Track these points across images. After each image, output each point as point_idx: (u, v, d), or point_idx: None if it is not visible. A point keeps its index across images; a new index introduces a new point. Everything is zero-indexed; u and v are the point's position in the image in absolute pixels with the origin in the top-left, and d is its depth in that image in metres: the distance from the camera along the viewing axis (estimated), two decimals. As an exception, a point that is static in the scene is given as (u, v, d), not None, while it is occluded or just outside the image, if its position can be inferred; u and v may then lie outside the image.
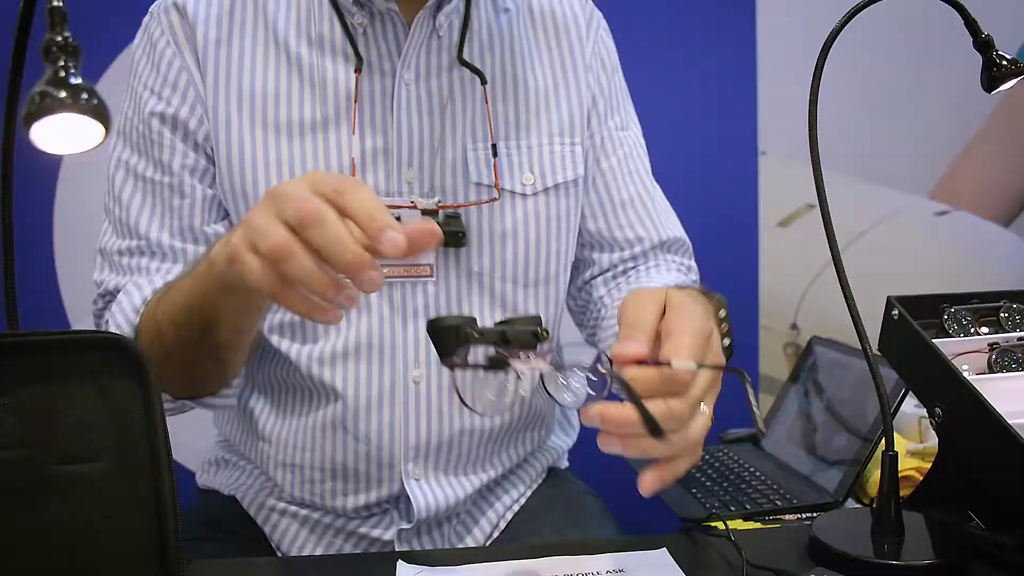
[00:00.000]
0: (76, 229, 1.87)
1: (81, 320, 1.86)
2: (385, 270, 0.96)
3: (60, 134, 0.56)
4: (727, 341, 0.85)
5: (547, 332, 0.64)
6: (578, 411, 0.64)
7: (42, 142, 0.55)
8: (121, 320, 0.92)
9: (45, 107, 0.53)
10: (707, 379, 0.67)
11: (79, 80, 0.53)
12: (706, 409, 0.67)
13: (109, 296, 0.99)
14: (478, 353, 0.65)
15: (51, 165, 1.86)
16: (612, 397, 0.65)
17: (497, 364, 0.65)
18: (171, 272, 0.97)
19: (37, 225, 1.87)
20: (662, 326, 0.68)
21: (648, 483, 0.66)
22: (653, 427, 0.60)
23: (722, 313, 0.90)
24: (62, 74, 0.54)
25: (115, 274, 0.99)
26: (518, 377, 0.65)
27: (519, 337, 0.64)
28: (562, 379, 0.67)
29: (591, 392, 0.67)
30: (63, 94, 0.53)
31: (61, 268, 1.89)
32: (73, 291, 1.88)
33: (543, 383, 0.67)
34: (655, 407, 0.62)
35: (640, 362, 0.64)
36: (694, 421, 0.66)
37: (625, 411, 0.62)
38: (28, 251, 1.87)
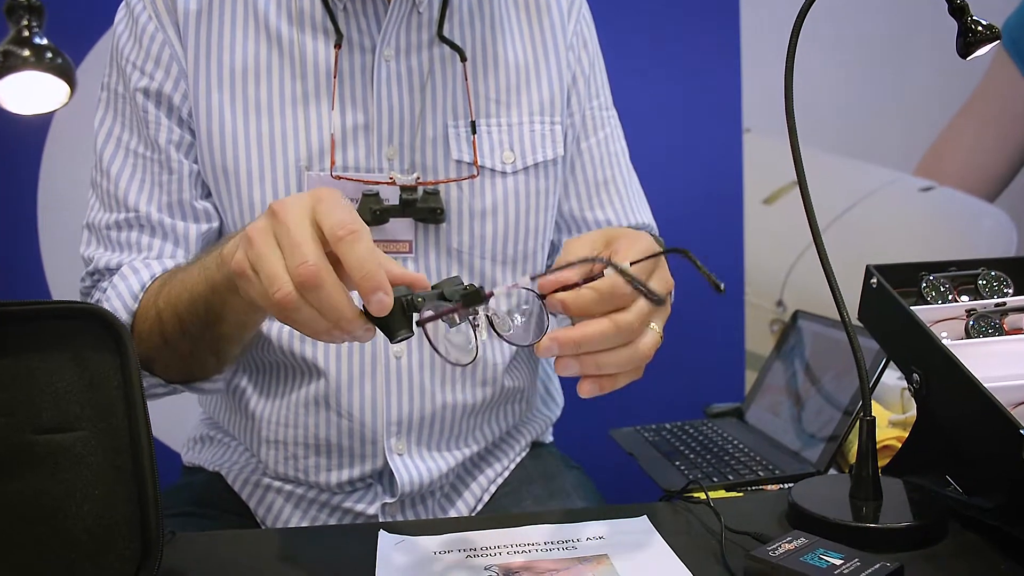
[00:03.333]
0: (60, 204, 1.87)
1: (64, 294, 1.85)
2: None
3: (25, 93, 0.56)
4: None
5: (474, 286, 0.66)
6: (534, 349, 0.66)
7: (7, 102, 0.55)
8: (118, 305, 0.91)
9: (8, 65, 0.53)
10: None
11: (43, 40, 0.52)
12: (655, 326, 0.69)
13: (98, 274, 0.99)
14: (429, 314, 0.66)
15: (35, 140, 1.85)
16: None
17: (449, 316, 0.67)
18: (164, 251, 0.97)
19: (20, 200, 1.86)
20: (609, 253, 0.69)
21: (587, 388, 0.67)
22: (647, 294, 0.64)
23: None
24: (26, 33, 0.53)
25: (105, 249, 0.98)
26: (472, 325, 0.67)
27: (454, 293, 0.66)
28: (509, 320, 0.69)
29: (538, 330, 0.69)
30: (26, 52, 0.53)
31: (45, 244, 1.88)
32: (56, 266, 1.88)
33: (494, 328, 0.68)
34: (598, 324, 0.65)
35: (574, 284, 0.65)
36: (643, 337, 0.68)
37: (573, 332, 0.64)
38: (11, 226, 1.87)
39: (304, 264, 0.61)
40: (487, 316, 0.67)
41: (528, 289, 0.87)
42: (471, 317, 0.67)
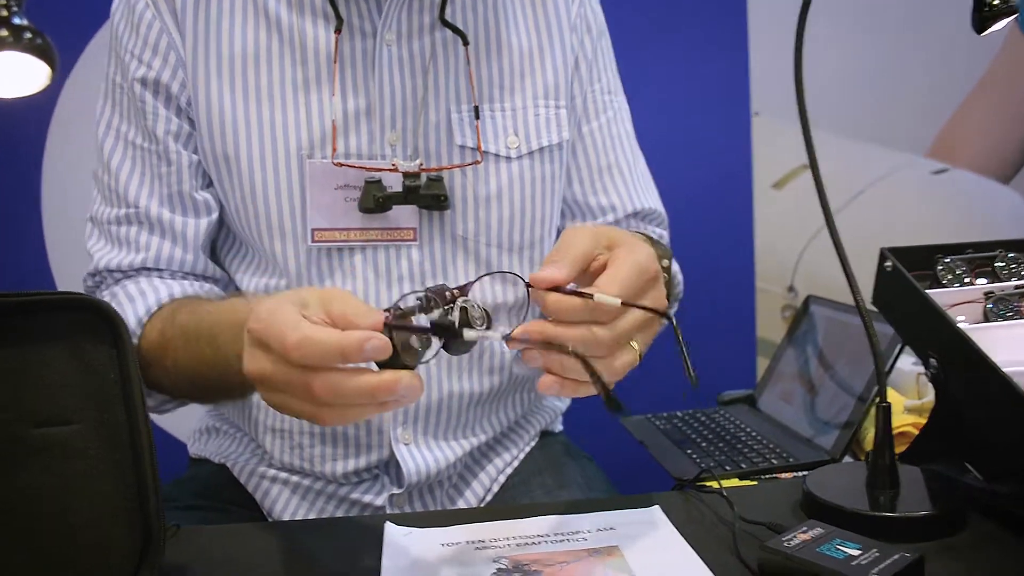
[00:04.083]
0: (63, 196, 1.87)
1: (69, 285, 1.85)
2: (368, 235, 0.96)
3: (4, 75, 0.54)
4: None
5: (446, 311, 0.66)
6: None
7: (-14, 84, 0.53)
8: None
9: (-14, 46, 0.51)
10: (640, 316, 0.66)
11: (23, 20, 0.51)
12: (635, 345, 0.67)
13: (99, 276, 0.99)
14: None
15: (38, 132, 1.85)
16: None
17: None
18: (162, 250, 0.97)
19: (23, 193, 1.86)
20: (607, 259, 0.68)
21: (546, 383, 0.66)
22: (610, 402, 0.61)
23: (664, 263, 0.88)
24: (4, 12, 0.52)
25: (107, 243, 0.98)
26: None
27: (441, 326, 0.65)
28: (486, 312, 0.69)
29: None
30: (4, 33, 0.51)
31: (49, 236, 1.88)
32: (61, 258, 1.88)
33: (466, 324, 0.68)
34: (577, 331, 0.64)
35: (564, 290, 0.64)
36: (621, 354, 0.66)
37: (548, 327, 0.64)
38: (15, 219, 1.86)
39: (318, 412, 0.62)
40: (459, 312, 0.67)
41: (516, 276, 0.86)
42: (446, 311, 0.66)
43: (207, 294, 0.98)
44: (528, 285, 0.66)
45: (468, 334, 0.63)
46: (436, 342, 0.65)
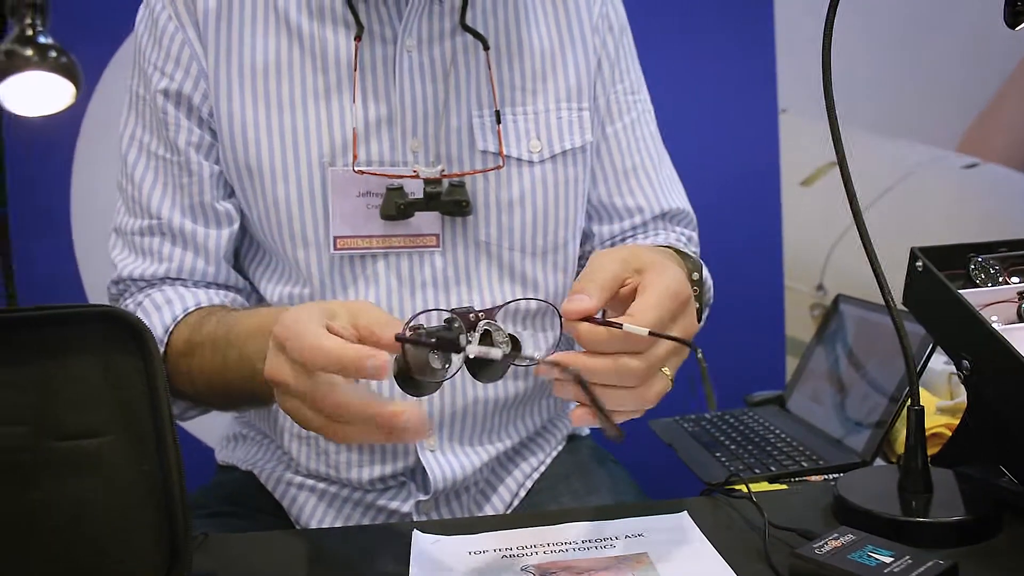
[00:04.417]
0: (92, 206, 1.89)
1: (100, 295, 1.88)
2: (390, 242, 0.96)
3: (30, 94, 0.54)
4: (697, 305, 0.83)
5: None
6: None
7: (10, 103, 0.53)
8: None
9: (11, 66, 0.52)
10: (671, 343, 0.66)
11: (48, 39, 0.51)
12: (667, 371, 0.67)
13: (123, 283, 1.00)
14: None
15: (67, 142, 1.87)
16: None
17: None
18: (185, 262, 0.97)
19: (54, 203, 1.88)
20: (637, 283, 0.67)
21: (579, 416, 0.65)
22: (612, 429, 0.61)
23: (695, 276, 0.87)
24: (29, 32, 0.52)
25: (131, 253, 0.99)
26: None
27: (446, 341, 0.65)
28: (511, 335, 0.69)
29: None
30: (30, 52, 0.52)
31: (79, 246, 1.90)
32: (92, 268, 1.90)
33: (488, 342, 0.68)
34: (603, 362, 0.63)
35: (594, 319, 0.63)
36: (654, 382, 0.66)
37: (580, 359, 0.63)
38: (45, 227, 1.89)
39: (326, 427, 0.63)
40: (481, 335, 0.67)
41: (550, 305, 0.86)
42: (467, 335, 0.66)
43: (232, 303, 0.98)
44: (558, 312, 0.66)
45: (471, 350, 0.63)
46: (456, 363, 0.65)
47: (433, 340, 0.63)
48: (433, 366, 0.64)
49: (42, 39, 0.51)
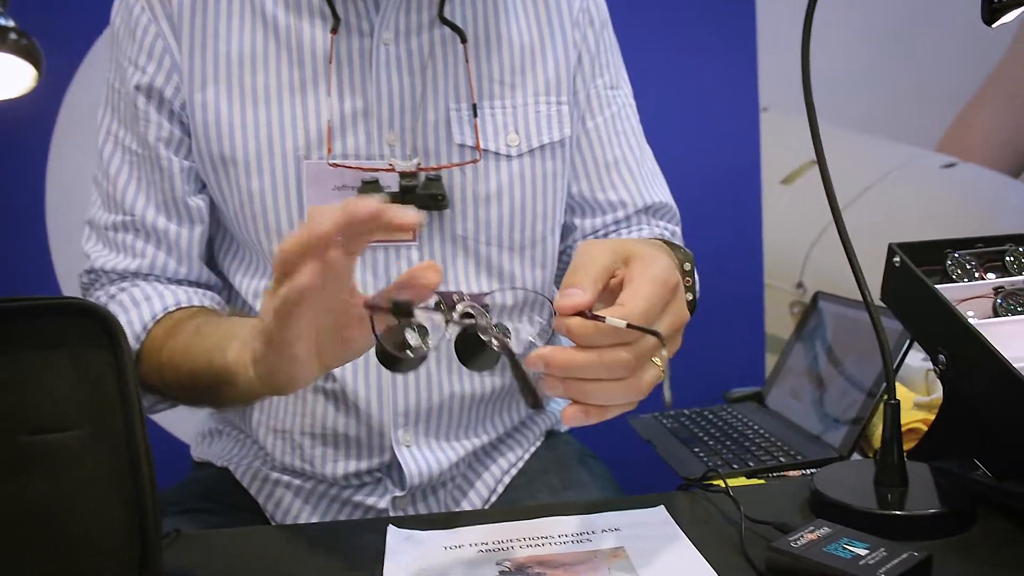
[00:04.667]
0: (67, 200, 1.88)
1: (74, 289, 1.87)
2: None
3: (-10, 77, 0.53)
4: (690, 296, 0.82)
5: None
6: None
7: (-30, 87, 0.52)
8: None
9: (-30, 48, 0.51)
10: (663, 331, 0.64)
11: (8, 21, 0.50)
12: (658, 361, 0.65)
13: (94, 274, 0.99)
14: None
15: (42, 135, 1.86)
16: None
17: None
18: (157, 260, 0.97)
19: (28, 196, 1.87)
20: (625, 274, 0.66)
21: (570, 415, 0.64)
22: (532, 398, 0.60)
23: (686, 267, 0.87)
24: (-11, 14, 0.51)
25: (104, 247, 0.99)
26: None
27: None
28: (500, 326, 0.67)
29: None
30: (-11, 34, 0.51)
31: (54, 240, 1.89)
32: (66, 262, 1.88)
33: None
34: (585, 355, 0.62)
35: (583, 313, 0.62)
36: (645, 372, 0.64)
37: (566, 354, 0.62)
38: (19, 222, 1.87)
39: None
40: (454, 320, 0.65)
41: (542, 296, 0.85)
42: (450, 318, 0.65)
43: (211, 304, 0.97)
44: (550, 304, 0.65)
45: (419, 315, 0.63)
46: (433, 339, 0.65)
47: (390, 306, 0.62)
48: (410, 342, 0.63)
49: (1, 21, 0.50)
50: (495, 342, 0.65)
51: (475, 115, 0.97)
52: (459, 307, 0.65)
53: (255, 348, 0.65)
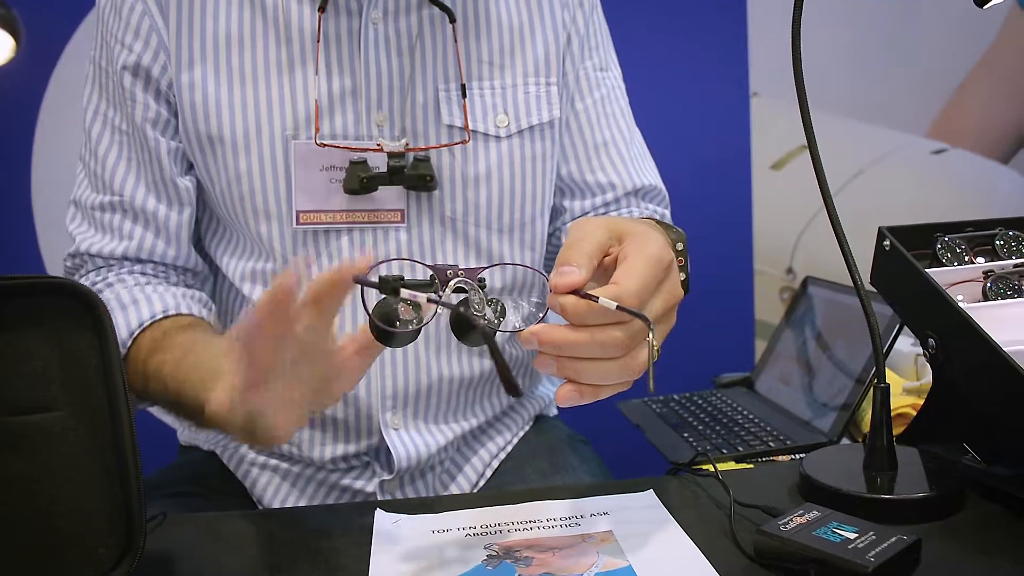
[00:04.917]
0: (54, 181, 1.87)
1: (58, 272, 1.86)
2: (354, 216, 0.94)
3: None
4: (683, 275, 0.82)
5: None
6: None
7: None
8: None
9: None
10: (655, 310, 0.64)
11: (-15, -9, 0.49)
12: (653, 340, 0.65)
13: (80, 258, 0.98)
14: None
15: (29, 114, 1.84)
16: None
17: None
18: (144, 241, 0.96)
19: (14, 178, 1.85)
20: (619, 252, 0.65)
21: (563, 395, 0.64)
22: (510, 386, 0.59)
23: (679, 246, 0.86)
24: (-35, -17, 0.50)
25: (89, 227, 0.97)
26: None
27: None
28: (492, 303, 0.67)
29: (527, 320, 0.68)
30: (-35, 4, 0.49)
31: (40, 221, 1.87)
32: (52, 244, 1.87)
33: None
34: (579, 334, 0.61)
35: (577, 292, 0.61)
36: (638, 352, 0.64)
37: (559, 332, 0.61)
38: (4, 204, 1.86)
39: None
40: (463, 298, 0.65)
41: (541, 274, 0.85)
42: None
43: (199, 311, 0.95)
44: (546, 280, 0.64)
45: (404, 293, 0.62)
46: (427, 316, 0.64)
47: (376, 281, 0.62)
48: (403, 316, 0.62)
49: (-22, -9, 0.49)
50: (484, 320, 0.64)
51: (464, 96, 0.96)
52: (452, 283, 0.65)
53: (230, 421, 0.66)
